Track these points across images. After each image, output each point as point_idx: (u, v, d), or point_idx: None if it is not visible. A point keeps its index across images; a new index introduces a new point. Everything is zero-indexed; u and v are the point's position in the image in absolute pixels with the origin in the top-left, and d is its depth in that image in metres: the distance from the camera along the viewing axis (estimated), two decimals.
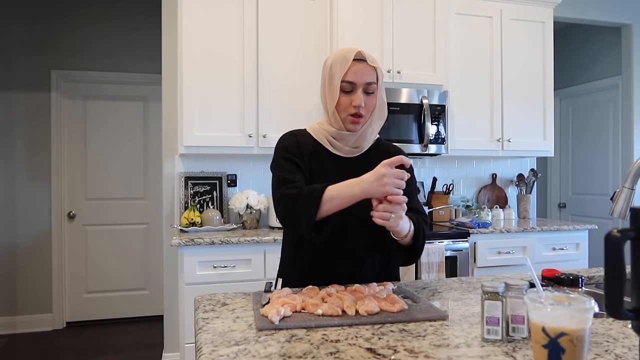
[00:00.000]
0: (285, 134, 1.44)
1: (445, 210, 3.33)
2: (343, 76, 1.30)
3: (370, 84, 1.32)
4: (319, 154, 1.39)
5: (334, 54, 1.36)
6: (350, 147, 1.39)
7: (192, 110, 2.75)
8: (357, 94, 1.31)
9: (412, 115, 3.00)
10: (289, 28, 2.91)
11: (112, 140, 4.06)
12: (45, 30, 3.89)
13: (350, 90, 1.32)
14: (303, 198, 1.21)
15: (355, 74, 1.31)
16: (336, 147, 1.39)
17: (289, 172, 1.32)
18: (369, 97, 1.34)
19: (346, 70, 1.30)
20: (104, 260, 4.02)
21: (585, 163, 4.71)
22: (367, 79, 1.32)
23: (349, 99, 1.32)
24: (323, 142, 1.40)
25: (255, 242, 2.54)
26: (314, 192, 1.21)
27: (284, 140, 1.41)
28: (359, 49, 1.33)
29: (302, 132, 1.45)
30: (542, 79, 3.40)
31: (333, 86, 1.33)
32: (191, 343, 2.49)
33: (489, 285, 0.93)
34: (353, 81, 1.31)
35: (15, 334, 3.74)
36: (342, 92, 1.32)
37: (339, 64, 1.32)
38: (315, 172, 1.37)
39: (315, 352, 0.88)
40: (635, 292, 0.77)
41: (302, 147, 1.38)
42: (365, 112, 1.34)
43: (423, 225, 1.32)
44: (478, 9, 3.25)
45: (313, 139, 1.41)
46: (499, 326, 0.92)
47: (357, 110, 1.32)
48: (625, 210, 1.26)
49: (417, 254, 1.34)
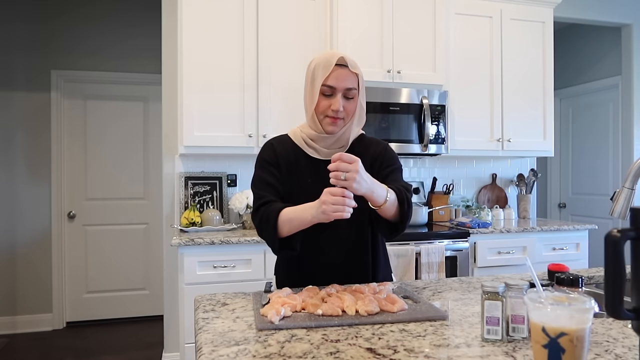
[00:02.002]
0: (265, 142, 1.49)
1: (445, 210, 3.33)
2: (324, 80, 1.33)
3: (350, 90, 1.35)
4: (298, 158, 1.42)
5: (318, 57, 1.39)
6: (328, 149, 1.41)
7: (192, 110, 2.75)
8: (337, 98, 1.34)
9: (412, 115, 3.01)
10: (289, 28, 2.91)
11: (112, 140, 4.06)
12: (46, 30, 3.89)
13: (330, 94, 1.35)
14: (264, 222, 1.31)
15: (336, 79, 1.33)
16: (315, 149, 1.42)
17: (259, 188, 1.39)
18: (348, 102, 1.36)
19: (328, 75, 1.33)
20: (104, 260, 4.02)
21: (585, 163, 4.71)
22: (348, 84, 1.34)
23: (328, 102, 1.35)
24: (301, 145, 1.43)
25: (255, 242, 2.54)
26: (269, 217, 1.29)
27: (262, 151, 1.46)
28: (342, 54, 1.35)
29: (282, 138, 1.48)
30: (542, 79, 3.40)
31: (314, 89, 1.36)
32: (191, 343, 2.48)
33: (489, 285, 0.93)
34: (334, 86, 1.34)
35: (15, 334, 3.74)
36: (322, 95, 1.35)
37: (321, 68, 1.34)
38: (295, 175, 1.41)
39: (315, 352, 0.88)
40: (635, 292, 0.77)
41: (279, 155, 1.42)
42: (345, 115, 1.37)
43: (405, 192, 1.31)
44: (478, 9, 3.25)
45: (293, 143, 1.44)
46: (499, 326, 0.92)
47: (336, 115, 1.35)
48: (625, 210, 1.26)
49: (403, 223, 1.32)
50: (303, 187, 1.39)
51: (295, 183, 1.41)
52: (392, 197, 1.26)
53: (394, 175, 1.41)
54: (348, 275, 1.40)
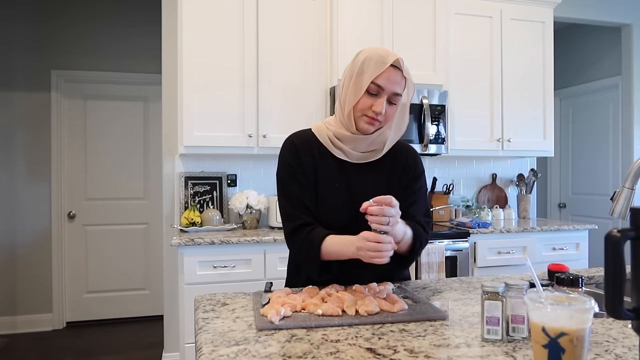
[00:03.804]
0: (287, 139, 1.37)
1: (445, 210, 3.33)
2: (375, 78, 1.22)
3: (396, 95, 1.25)
4: (324, 158, 1.32)
5: (370, 50, 1.26)
6: (359, 152, 1.31)
7: (192, 110, 2.75)
8: (381, 100, 1.23)
9: (412, 115, 3.00)
10: (289, 28, 2.91)
11: (112, 140, 4.05)
12: (46, 30, 3.89)
13: (376, 94, 1.24)
14: (305, 250, 1.26)
15: (387, 80, 1.22)
16: (342, 151, 1.31)
17: (291, 203, 1.31)
18: (390, 107, 1.26)
19: (380, 73, 1.22)
20: (104, 260, 4.02)
21: (585, 163, 4.71)
22: (397, 89, 1.25)
23: (370, 102, 1.24)
24: (327, 145, 1.32)
25: (255, 242, 2.54)
26: (311, 246, 1.24)
27: (285, 151, 1.35)
28: (398, 56, 1.25)
29: (305, 135, 1.36)
30: (542, 79, 3.40)
31: (360, 83, 1.24)
32: (191, 343, 2.48)
33: (489, 285, 0.93)
34: (382, 86, 1.22)
35: (15, 334, 3.74)
36: (366, 92, 1.23)
37: (373, 63, 1.22)
38: (320, 177, 1.32)
39: (315, 352, 0.88)
40: (635, 292, 0.76)
41: (302, 155, 1.32)
42: (383, 120, 1.27)
43: (422, 231, 1.30)
44: (478, 9, 3.25)
45: (318, 141, 1.34)
46: (499, 326, 0.92)
47: (375, 116, 1.25)
48: (625, 210, 1.26)
49: (410, 260, 1.33)
50: (330, 191, 1.31)
51: (320, 186, 1.32)
52: (409, 234, 1.26)
53: (420, 200, 1.36)
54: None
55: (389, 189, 1.26)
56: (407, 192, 1.35)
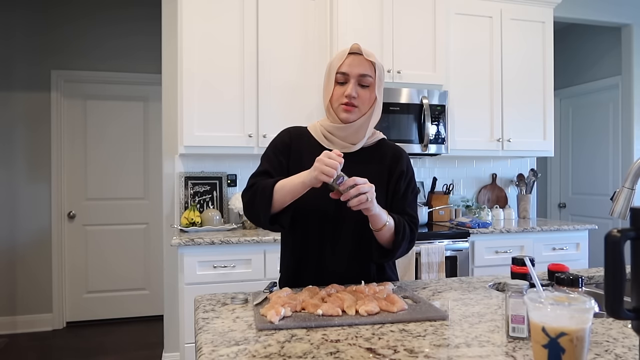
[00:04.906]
0: (284, 129, 1.48)
1: (445, 210, 3.33)
2: (338, 68, 1.34)
3: (364, 76, 1.33)
4: (313, 150, 1.37)
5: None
6: (344, 142, 1.38)
7: (192, 110, 2.75)
8: (350, 85, 1.32)
9: (412, 115, 3.00)
10: (289, 28, 2.91)
11: (112, 140, 4.05)
12: (46, 30, 3.89)
13: (344, 82, 1.34)
14: (259, 193, 1.29)
15: (349, 65, 1.33)
16: (331, 142, 1.39)
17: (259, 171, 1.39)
18: (363, 90, 1.34)
19: (341, 63, 1.33)
20: (104, 260, 4.02)
21: (585, 163, 4.71)
22: (361, 70, 1.33)
23: (342, 90, 1.34)
24: (319, 139, 1.40)
25: (255, 242, 2.54)
26: (265, 188, 1.29)
27: (278, 135, 1.46)
28: (359, 45, 1.36)
29: (301, 129, 1.47)
30: (542, 78, 3.40)
31: (330, 79, 1.36)
32: (191, 343, 2.48)
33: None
34: (346, 72, 1.33)
35: (15, 334, 3.74)
36: (337, 84, 1.35)
37: (336, 59, 1.36)
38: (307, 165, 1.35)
39: (315, 352, 0.88)
40: (635, 292, 0.76)
41: (292, 144, 1.41)
42: (360, 103, 1.34)
43: (405, 224, 1.32)
44: (478, 9, 3.25)
45: (311, 136, 1.42)
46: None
47: (349, 100, 1.32)
48: (625, 210, 1.26)
49: (392, 252, 1.33)
50: None
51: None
52: (391, 223, 1.29)
53: (406, 200, 1.40)
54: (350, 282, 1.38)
55: (375, 183, 1.26)
56: (395, 190, 1.40)
